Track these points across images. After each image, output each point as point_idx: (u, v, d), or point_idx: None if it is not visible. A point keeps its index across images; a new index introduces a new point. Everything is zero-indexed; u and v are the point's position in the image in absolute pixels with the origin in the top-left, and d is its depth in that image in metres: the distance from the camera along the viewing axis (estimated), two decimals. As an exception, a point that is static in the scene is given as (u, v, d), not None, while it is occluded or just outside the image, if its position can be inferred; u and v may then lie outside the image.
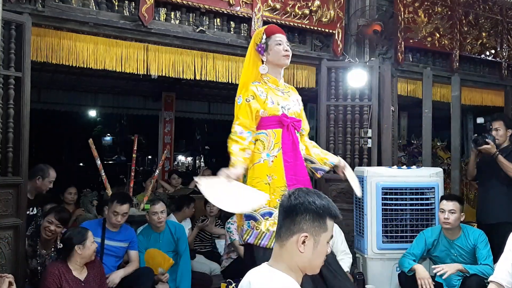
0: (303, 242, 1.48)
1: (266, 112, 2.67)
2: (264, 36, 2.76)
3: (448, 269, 3.20)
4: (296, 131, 2.75)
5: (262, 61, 2.78)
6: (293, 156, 2.69)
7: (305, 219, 1.49)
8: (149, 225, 3.96)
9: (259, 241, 2.53)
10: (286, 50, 2.76)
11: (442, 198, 3.52)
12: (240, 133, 2.59)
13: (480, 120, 7.34)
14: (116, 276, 3.45)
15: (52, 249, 3.43)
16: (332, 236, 1.55)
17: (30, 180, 3.76)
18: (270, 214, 2.54)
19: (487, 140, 3.80)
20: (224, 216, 4.96)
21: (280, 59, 2.76)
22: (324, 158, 2.91)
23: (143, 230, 3.98)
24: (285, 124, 2.69)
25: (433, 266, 3.33)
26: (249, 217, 2.58)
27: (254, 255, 2.54)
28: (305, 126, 2.87)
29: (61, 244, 3.26)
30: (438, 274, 3.22)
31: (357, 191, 2.86)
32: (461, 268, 3.20)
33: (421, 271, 3.29)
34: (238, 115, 2.65)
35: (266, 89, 2.72)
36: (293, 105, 2.80)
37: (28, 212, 3.62)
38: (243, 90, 2.71)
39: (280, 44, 2.74)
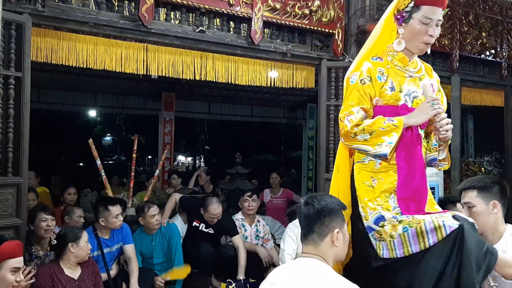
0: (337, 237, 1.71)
1: (380, 100, 2.11)
2: (412, 4, 2.08)
3: None
4: (419, 129, 2.15)
5: (398, 32, 2.16)
6: (410, 160, 2.10)
7: (333, 218, 1.72)
8: (141, 228, 3.97)
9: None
10: (430, 36, 2.08)
11: None
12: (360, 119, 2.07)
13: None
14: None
15: (48, 248, 3.41)
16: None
17: None
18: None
19: None
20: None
21: (415, 44, 2.12)
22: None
23: (135, 235, 3.97)
24: None
25: None
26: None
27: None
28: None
29: (55, 241, 3.21)
30: None
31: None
32: None
33: None
34: (350, 99, 2.11)
35: (389, 69, 2.13)
36: (422, 93, 2.16)
37: None
38: (360, 66, 2.14)
39: (426, 24, 2.06)
